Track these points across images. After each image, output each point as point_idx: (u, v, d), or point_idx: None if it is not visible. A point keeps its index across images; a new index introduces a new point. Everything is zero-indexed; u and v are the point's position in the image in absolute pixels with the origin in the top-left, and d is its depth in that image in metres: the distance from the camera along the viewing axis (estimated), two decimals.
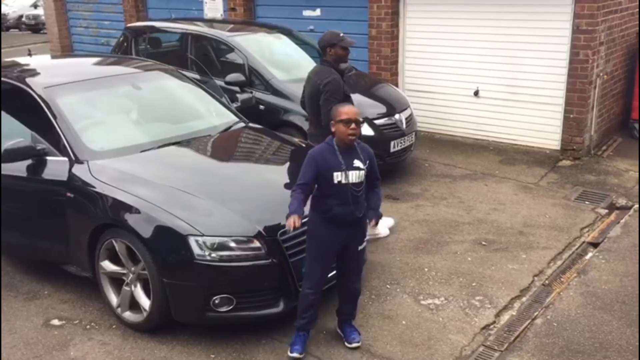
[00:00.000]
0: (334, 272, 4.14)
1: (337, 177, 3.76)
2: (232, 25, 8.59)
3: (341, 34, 5.20)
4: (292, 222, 3.61)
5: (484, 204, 6.48)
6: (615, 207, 6.39)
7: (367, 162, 3.88)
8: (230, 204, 4.22)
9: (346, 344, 4.15)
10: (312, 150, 3.92)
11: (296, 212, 3.64)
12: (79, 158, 4.57)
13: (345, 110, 3.79)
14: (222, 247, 3.97)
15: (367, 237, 4.10)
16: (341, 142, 3.80)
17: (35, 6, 23.56)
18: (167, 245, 4.04)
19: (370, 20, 8.94)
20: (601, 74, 7.82)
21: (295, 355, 4.02)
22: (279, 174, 4.94)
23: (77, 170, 4.52)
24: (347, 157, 3.80)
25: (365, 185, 3.90)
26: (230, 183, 4.57)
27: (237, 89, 7.04)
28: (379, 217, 4.04)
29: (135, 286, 4.28)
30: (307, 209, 3.83)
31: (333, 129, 3.83)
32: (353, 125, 3.74)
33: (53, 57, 8.99)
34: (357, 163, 3.81)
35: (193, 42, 7.98)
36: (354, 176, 3.79)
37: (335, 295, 4.22)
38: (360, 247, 4.01)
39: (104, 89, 5.31)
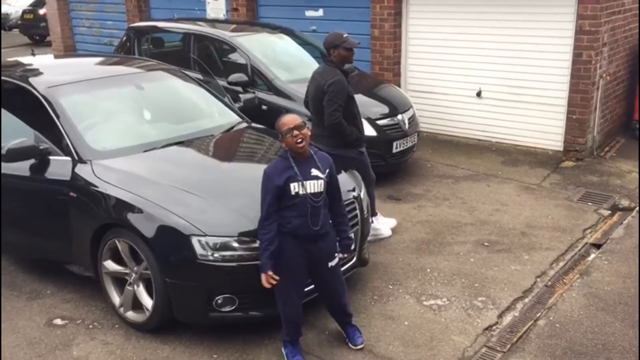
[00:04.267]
0: (312, 286, 4.07)
1: (294, 188, 3.66)
2: (234, 26, 8.59)
3: (345, 35, 5.18)
4: (266, 280, 3.70)
5: (487, 204, 6.48)
6: (618, 208, 6.38)
7: (327, 170, 3.77)
8: (233, 203, 4.22)
9: (350, 345, 4.14)
10: (266, 168, 3.79)
11: (265, 269, 3.69)
12: (82, 158, 4.58)
13: (284, 122, 3.70)
14: (225, 247, 3.97)
15: (339, 255, 3.96)
16: (293, 152, 3.72)
17: None
18: (170, 245, 4.04)
19: (372, 20, 8.93)
20: (604, 75, 7.81)
21: None
22: None
23: (80, 169, 4.53)
24: (303, 167, 3.71)
25: (326, 199, 3.81)
26: (233, 183, 4.57)
27: (239, 89, 7.05)
28: (348, 247, 3.90)
29: (137, 286, 4.28)
30: None
31: (283, 144, 3.75)
32: (295, 132, 3.65)
33: (56, 56, 9.01)
34: (315, 172, 3.72)
35: (196, 42, 7.99)
36: (312, 186, 3.70)
37: None
38: (330, 264, 3.88)
39: (107, 88, 5.31)
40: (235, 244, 3.99)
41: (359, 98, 5.77)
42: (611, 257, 5.34)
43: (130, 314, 4.37)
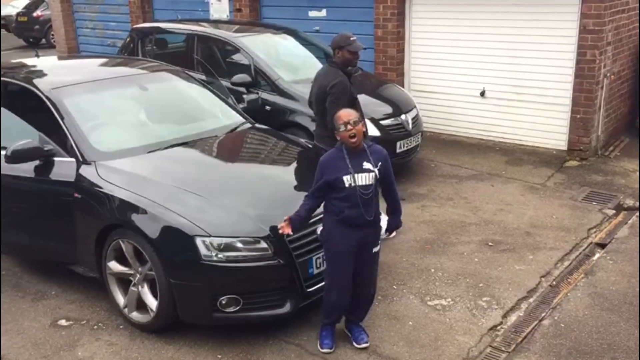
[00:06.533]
0: None
1: (347, 180, 3.80)
2: (238, 26, 8.59)
3: (352, 38, 5.13)
4: (282, 226, 3.82)
5: (491, 204, 6.47)
6: (622, 208, 6.36)
7: (380, 163, 3.86)
8: (237, 204, 4.22)
9: (355, 344, 4.15)
10: (323, 156, 3.96)
11: (292, 217, 3.85)
12: (86, 159, 4.59)
13: (339, 115, 3.85)
14: (229, 247, 3.97)
15: (382, 240, 4.12)
16: (347, 145, 3.84)
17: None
18: (174, 245, 4.04)
19: (376, 20, 8.93)
20: (608, 74, 7.79)
21: (326, 350, 4.08)
22: (285, 174, 4.95)
23: (85, 171, 4.54)
24: (355, 160, 3.83)
25: (380, 189, 3.94)
26: (237, 184, 4.58)
27: (243, 89, 7.05)
28: (397, 226, 4.19)
29: (142, 287, 4.29)
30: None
31: (337, 137, 3.89)
32: (349, 127, 3.77)
33: (60, 58, 9.02)
34: (366, 165, 3.83)
35: (199, 43, 7.99)
36: (362, 179, 3.81)
37: None
38: (374, 249, 4.01)
39: (110, 89, 5.33)
40: (239, 245, 3.99)
41: (363, 98, 5.77)
42: (616, 257, 5.32)
43: (135, 315, 4.38)
